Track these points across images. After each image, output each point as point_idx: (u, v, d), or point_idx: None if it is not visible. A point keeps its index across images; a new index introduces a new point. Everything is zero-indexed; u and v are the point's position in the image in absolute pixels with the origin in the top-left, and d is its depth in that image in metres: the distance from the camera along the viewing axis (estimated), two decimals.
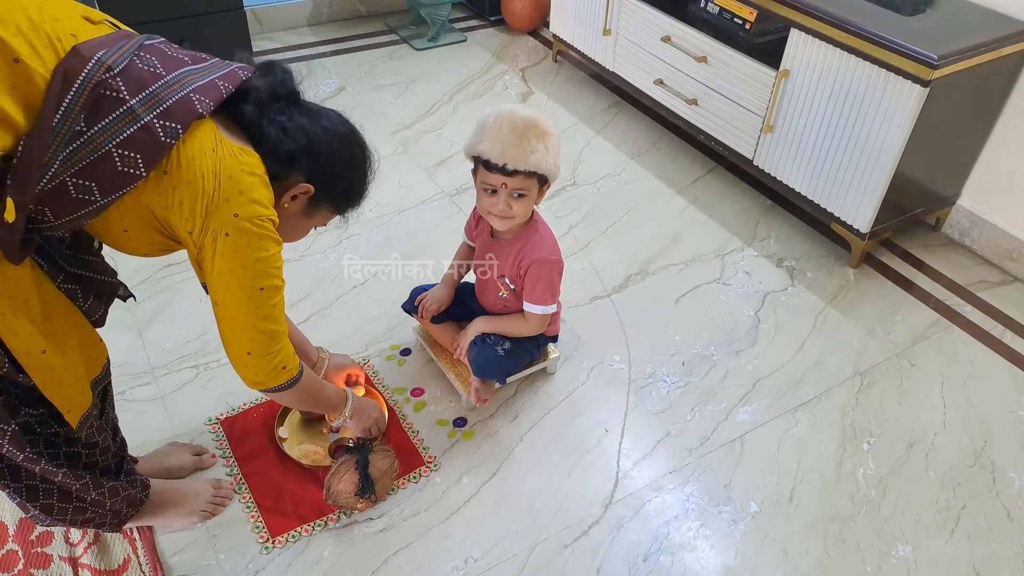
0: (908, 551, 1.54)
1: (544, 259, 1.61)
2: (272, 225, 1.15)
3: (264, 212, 1.13)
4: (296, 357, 1.30)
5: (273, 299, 1.20)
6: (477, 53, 3.42)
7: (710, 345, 1.99)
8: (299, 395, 1.35)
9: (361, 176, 1.31)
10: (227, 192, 1.08)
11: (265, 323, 1.20)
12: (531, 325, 1.69)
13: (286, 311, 1.66)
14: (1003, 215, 2.27)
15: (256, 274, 1.15)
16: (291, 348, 1.29)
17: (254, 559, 1.46)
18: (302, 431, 1.68)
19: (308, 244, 2.24)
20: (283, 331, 1.25)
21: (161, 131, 1.00)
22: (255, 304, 1.17)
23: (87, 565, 1.41)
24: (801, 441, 1.75)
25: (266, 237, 1.13)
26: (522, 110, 1.47)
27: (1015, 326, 2.09)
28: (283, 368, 1.27)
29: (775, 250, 2.33)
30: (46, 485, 1.23)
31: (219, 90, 1.08)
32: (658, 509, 1.59)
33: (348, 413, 1.53)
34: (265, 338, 1.21)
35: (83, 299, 1.17)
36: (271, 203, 1.16)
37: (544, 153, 1.47)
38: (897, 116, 1.95)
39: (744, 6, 2.35)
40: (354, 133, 1.28)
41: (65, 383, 1.14)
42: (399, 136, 2.78)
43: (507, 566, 1.47)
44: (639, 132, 2.90)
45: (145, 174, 1.00)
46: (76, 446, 1.25)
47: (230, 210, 1.09)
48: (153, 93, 1.00)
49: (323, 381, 1.49)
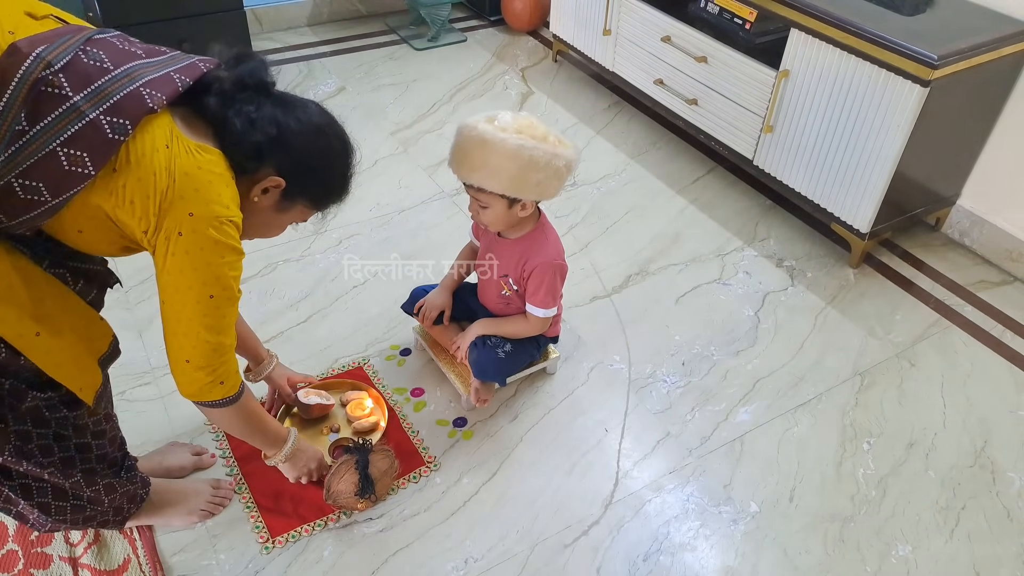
0: (908, 551, 1.54)
1: (548, 262, 1.61)
2: (234, 228, 1.10)
3: (223, 212, 1.08)
4: (238, 376, 1.24)
5: (223, 309, 1.14)
6: (477, 53, 3.42)
7: (710, 345, 1.99)
8: (234, 418, 1.29)
9: (339, 169, 1.25)
10: (182, 190, 1.03)
11: (210, 334, 1.14)
12: (532, 326, 1.69)
13: (285, 310, 1.67)
14: (1003, 215, 2.27)
15: (207, 280, 1.10)
16: (235, 366, 1.23)
17: (254, 559, 1.46)
18: (302, 432, 1.68)
19: (308, 244, 2.24)
20: (229, 344, 1.19)
21: (108, 128, 0.96)
22: (202, 312, 1.12)
23: (87, 565, 1.41)
24: (801, 441, 1.75)
25: (223, 243, 1.08)
26: (486, 126, 1.41)
27: (1015, 326, 2.09)
28: (220, 383, 1.20)
29: (775, 250, 2.33)
30: (39, 483, 1.23)
31: (174, 83, 1.03)
32: (658, 509, 1.59)
33: (283, 458, 1.46)
34: (208, 349, 1.15)
35: (72, 282, 1.16)
36: (234, 202, 1.11)
37: (489, 174, 1.43)
38: (897, 116, 1.95)
39: (744, 6, 2.35)
40: (331, 124, 1.21)
41: (66, 363, 1.13)
42: (399, 136, 2.78)
43: (507, 566, 1.47)
44: (639, 132, 2.90)
45: (94, 172, 0.96)
46: (85, 435, 1.24)
47: (184, 209, 1.04)
48: (100, 88, 0.96)
49: (265, 414, 1.41)
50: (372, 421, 1.69)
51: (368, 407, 1.72)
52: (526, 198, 1.50)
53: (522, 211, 1.54)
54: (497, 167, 1.42)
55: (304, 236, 2.27)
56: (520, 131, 1.42)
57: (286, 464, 1.50)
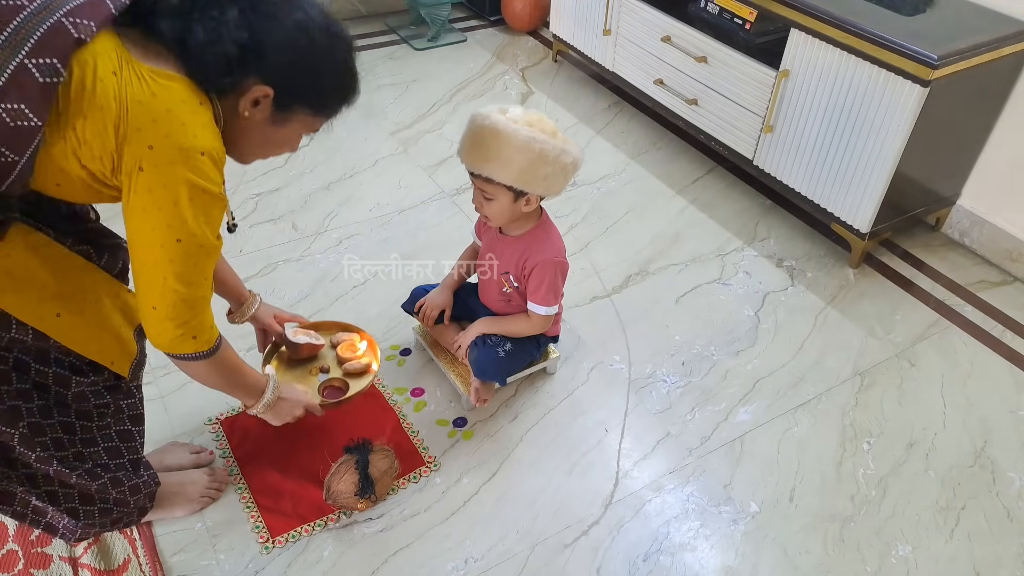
0: (908, 551, 1.54)
1: (549, 260, 1.61)
2: (209, 162, 1.00)
3: (189, 143, 0.97)
4: (213, 331, 1.15)
5: (193, 258, 1.04)
6: (477, 53, 3.42)
7: (710, 345, 1.99)
8: (209, 372, 1.20)
9: (330, 67, 1.12)
10: (137, 121, 0.94)
11: (179, 283, 1.05)
12: (534, 325, 1.69)
13: (286, 310, 1.67)
14: (1003, 215, 2.27)
15: (172, 222, 0.99)
16: (209, 320, 1.14)
17: (254, 559, 1.46)
18: (290, 371, 1.65)
19: (308, 244, 2.24)
20: (202, 296, 1.10)
21: (37, 71, 0.87)
22: (168, 257, 1.02)
23: (87, 565, 1.41)
24: (801, 441, 1.75)
25: (191, 182, 0.98)
26: (499, 117, 1.43)
27: (1015, 326, 2.09)
28: (192, 338, 1.11)
29: (775, 250, 2.33)
30: (65, 489, 1.23)
31: (104, 6, 0.93)
32: (658, 509, 1.59)
33: (262, 407, 1.37)
34: (176, 299, 1.06)
35: (97, 257, 1.15)
36: (207, 130, 1.00)
37: (499, 164, 1.44)
38: (897, 116, 1.95)
39: (744, 6, 2.35)
40: (314, 17, 1.06)
41: (92, 339, 1.13)
42: (399, 136, 2.78)
43: (507, 566, 1.47)
44: (639, 132, 2.90)
45: (39, 123, 0.89)
46: (124, 421, 1.26)
47: (142, 142, 0.94)
48: (16, 29, 0.87)
49: (243, 366, 1.31)
50: (364, 363, 1.65)
51: (360, 349, 1.68)
52: (533, 192, 1.51)
53: (526, 206, 1.55)
54: (508, 158, 1.43)
55: (304, 236, 2.27)
56: (531, 124, 1.44)
57: (268, 413, 1.41)
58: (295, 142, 1.17)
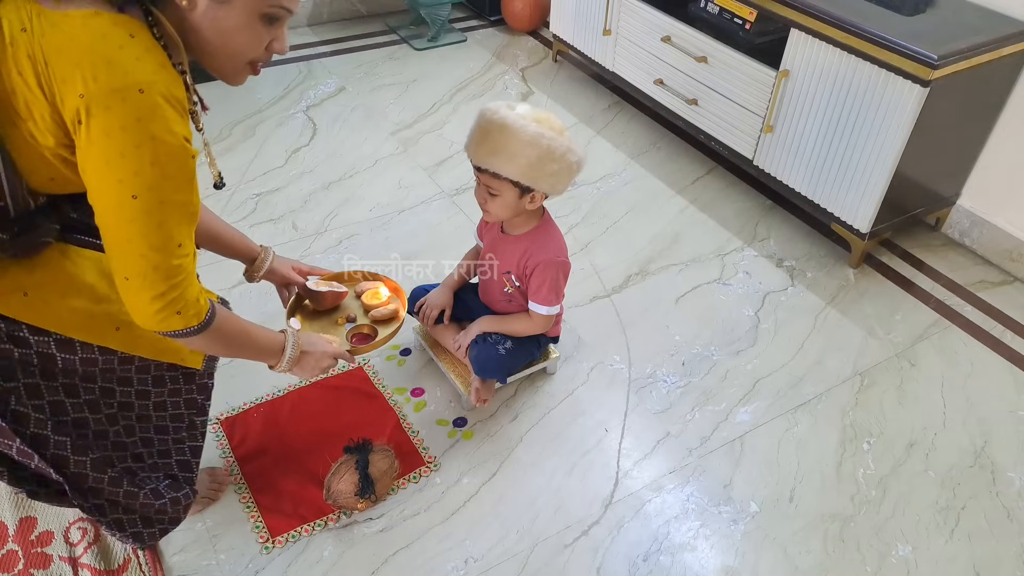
0: (908, 551, 1.54)
1: (551, 260, 1.61)
2: (153, 100, 0.88)
3: (121, 81, 0.86)
4: (201, 303, 1.06)
5: (156, 217, 0.93)
6: (477, 53, 3.42)
7: (710, 345, 1.99)
8: (210, 343, 1.12)
9: None
10: (60, 71, 0.85)
11: (145, 248, 0.95)
12: (536, 324, 1.69)
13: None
14: (1003, 215, 2.27)
15: (123, 175, 0.90)
16: (193, 292, 1.04)
17: (254, 559, 1.46)
18: (316, 322, 1.59)
19: (308, 244, 2.24)
20: (176, 265, 0.99)
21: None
22: (127, 217, 0.93)
23: (87, 565, 1.41)
24: (801, 441, 1.75)
25: (138, 126, 0.87)
26: (507, 112, 1.43)
27: (1015, 326, 2.09)
28: (176, 313, 1.02)
29: (775, 250, 2.33)
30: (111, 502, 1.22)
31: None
32: (658, 509, 1.59)
33: (286, 365, 1.28)
34: (147, 266, 0.96)
35: None
36: (147, 58, 0.89)
37: (507, 159, 1.44)
38: (897, 116, 1.95)
39: (744, 6, 2.35)
40: None
41: (156, 341, 1.14)
42: (399, 136, 2.78)
43: (507, 566, 1.47)
44: (639, 132, 2.90)
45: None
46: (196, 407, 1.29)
47: (72, 92, 0.85)
48: None
49: (250, 327, 1.23)
50: (391, 309, 1.60)
51: (385, 295, 1.63)
52: (538, 188, 1.51)
53: (530, 203, 1.55)
54: (515, 153, 1.43)
55: (304, 236, 2.27)
56: (539, 121, 1.45)
57: (295, 369, 1.32)
58: (255, 36, 0.99)
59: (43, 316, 1.06)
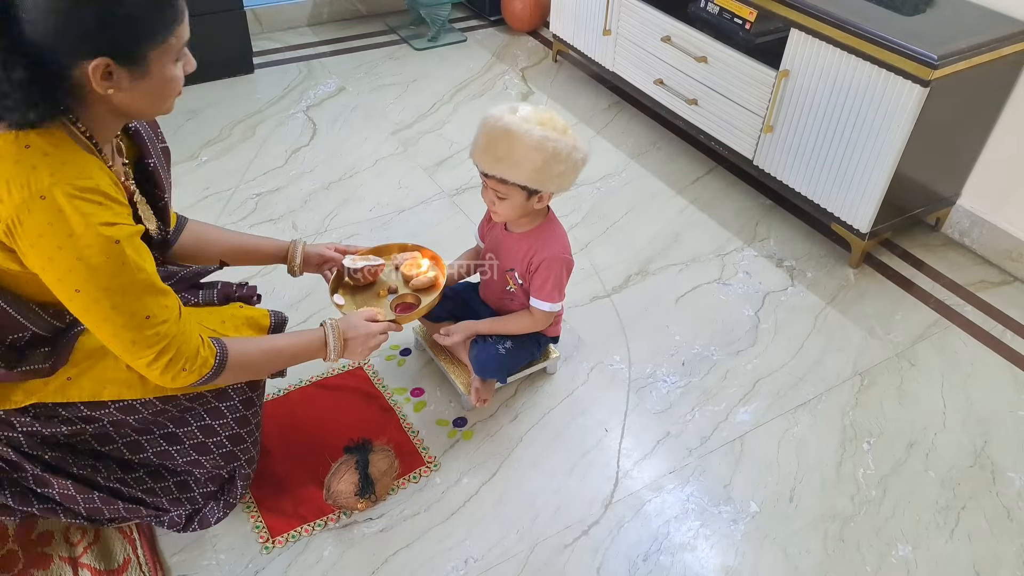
0: (908, 551, 1.54)
1: (556, 256, 1.61)
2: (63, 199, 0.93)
3: (28, 191, 0.92)
4: (205, 352, 1.14)
5: (106, 304, 1.00)
6: (477, 53, 3.42)
7: (710, 345, 1.99)
8: (241, 372, 1.22)
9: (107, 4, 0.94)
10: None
11: (115, 328, 1.02)
12: (536, 321, 1.69)
13: (285, 310, 1.66)
14: (1003, 215, 2.27)
15: (61, 274, 0.97)
16: (191, 347, 1.11)
17: (254, 559, 1.46)
18: (359, 296, 1.61)
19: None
20: (155, 334, 1.05)
21: None
22: (82, 308, 1.01)
23: (87, 565, 1.41)
24: (801, 441, 1.75)
25: (51, 231, 0.93)
26: (511, 118, 1.43)
27: (1015, 326, 2.09)
28: (182, 370, 1.11)
29: (775, 250, 2.33)
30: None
31: None
32: (658, 509, 1.59)
33: (335, 355, 1.35)
34: (127, 343, 1.05)
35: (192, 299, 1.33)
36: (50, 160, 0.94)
37: (513, 164, 1.44)
38: (897, 116, 1.94)
39: (744, 6, 2.35)
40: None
41: None
42: (399, 136, 2.78)
43: (507, 566, 1.47)
44: (639, 132, 2.90)
45: None
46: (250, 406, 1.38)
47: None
48: None
49: (279, 341, 1.31)
50: (431, 277, 1.61)
51: (424, 265, 1.65)
52: (546, 190, 1.51)
53: (538, 203, 1.55)
54: (521, 158, 1.43)
55: (304, 236, 2.27)
56: (543, 123, 1.44)
57: (346, 356, 1.39)
58: (173, 71, 1.03)
59: (91, 391, 1.20)
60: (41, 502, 1.29)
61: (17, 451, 1.23)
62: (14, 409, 1.19)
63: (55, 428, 1.22)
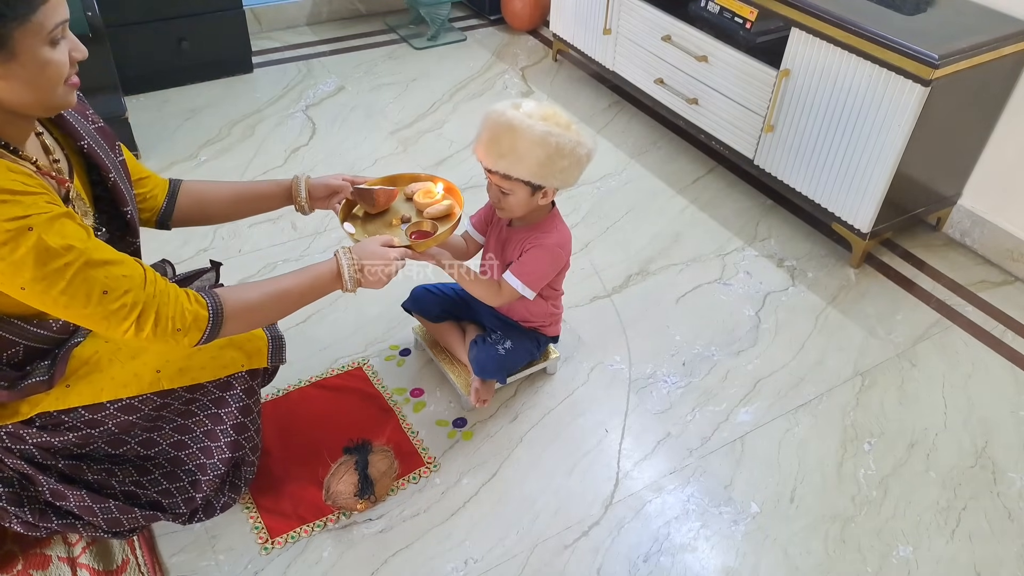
0: (909, 552, 1.53)
1: (548, 244, 1.59)
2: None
3: None
4: (194, 305, 1.11)
5: (52, 291, 0.99)
6: (477, 52, 3.41)
7: (710, 345, 1.98)
8: (243, 325, 1.18)
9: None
10: None
11: (79, 311, 1.02)
12: (501, 295, 1.61)
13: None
14: (1004, 215, 2.26)
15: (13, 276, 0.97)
16: (172, 307, 1.08)
17: (254, 559, 1.46)
18: (370, 225, 1.52)
19: (308, 244, 2.24)
20: (122, 305, 1.03)
21: None
22: (38, 303, 1.01)
23: (85, 565, 1.40)
24: (802, 441, 1.75)
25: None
26: (514, 113, 1.42)
27: (1016, 326, 2.09)
28: (177, 330, 1.08)
29: (776, 250, 2.33)
30: None
31: None
32: (658, 510, 1.59)
33: (351, 284, 1.29)
34: (100, 320, 1.04)
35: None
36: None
37: (516, 160, 1.43)
38: (898, 116, 1.94)
39: (745, 5, 2.34)
40: None
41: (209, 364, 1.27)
42: (399, 136, 2.78)
43: (507, 567, 1.47)
44: (639, 132, 2.89)
45: None
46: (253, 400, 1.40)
47: None
48: None
49: (282, 280, 1.25)
50: (446, 205, 1.53)
51: (438, 193, 1.56)
52: (550, 185, 1.51)
53: (543, 198, 1.55)
54: (525, 153, 1.43)
55: (303, 236, 2.27)
56: (546, 119, 1.44)
57: (364, 284, 1.33)
58: (49, 55, 0.99)
59: (90, 395, 1.22)
60: (60, 517, 1.30)
61: (31, 463, 1.24)
62: (21, 421, 1.20)
63: (63, 436, 1.23)
